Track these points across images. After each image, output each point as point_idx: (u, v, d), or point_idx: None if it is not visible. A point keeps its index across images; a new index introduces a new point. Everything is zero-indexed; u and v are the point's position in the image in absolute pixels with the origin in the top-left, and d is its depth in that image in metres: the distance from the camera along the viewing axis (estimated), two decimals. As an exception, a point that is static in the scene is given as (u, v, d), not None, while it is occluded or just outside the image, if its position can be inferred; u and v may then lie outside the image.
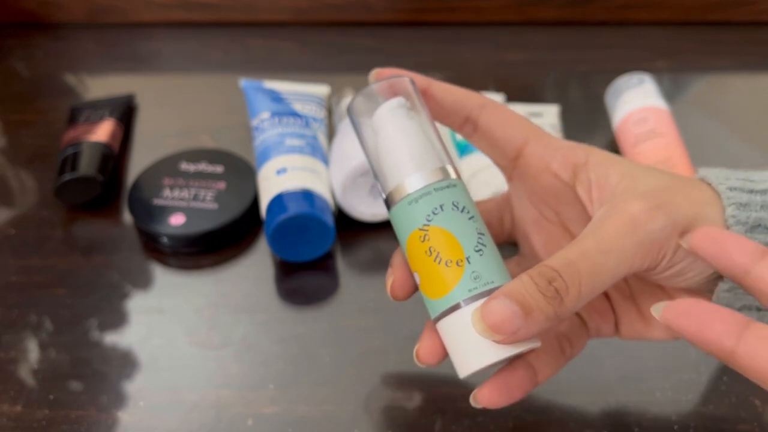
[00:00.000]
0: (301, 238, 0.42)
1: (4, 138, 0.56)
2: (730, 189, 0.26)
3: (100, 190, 0.48)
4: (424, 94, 0.29)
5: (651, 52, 0.62)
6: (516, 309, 0.23)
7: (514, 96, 0.55)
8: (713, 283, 0.26)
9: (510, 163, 0.30)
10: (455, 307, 0.26)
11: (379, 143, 0.28)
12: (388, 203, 0.28)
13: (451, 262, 0.26)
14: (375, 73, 0.30)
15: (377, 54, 0.61)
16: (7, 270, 0.44)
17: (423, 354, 0.28)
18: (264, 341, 0.40)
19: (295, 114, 0.49)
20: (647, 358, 0.38)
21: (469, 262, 0.25)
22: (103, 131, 0.51)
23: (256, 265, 0.44)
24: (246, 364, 0.39)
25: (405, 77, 0.29)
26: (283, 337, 0.40)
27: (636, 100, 0.51)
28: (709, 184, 0.26)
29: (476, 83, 0.57)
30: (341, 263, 0.44)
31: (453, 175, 0.27)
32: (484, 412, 0.36)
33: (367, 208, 0.45)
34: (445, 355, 0.27)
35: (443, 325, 0.26)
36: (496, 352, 0.25)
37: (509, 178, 0.31)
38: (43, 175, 0.51)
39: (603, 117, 0.54)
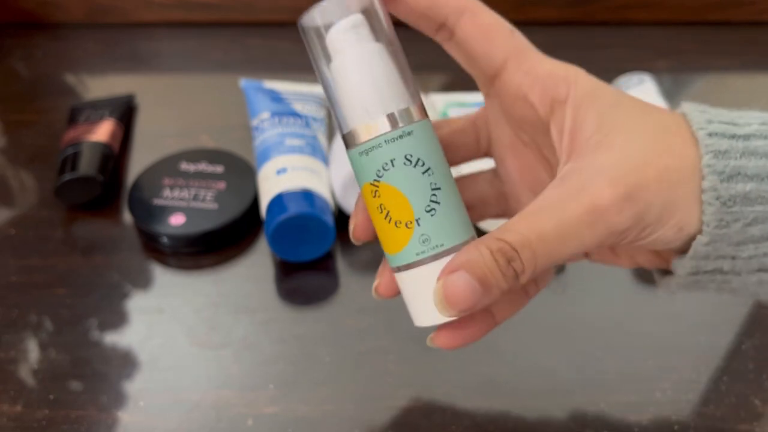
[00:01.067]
0: (301, 238, 0.42)
1: (4, 138, 0.56)
2: (710, 135, 0.24)
3: (100, 190, 0.48)
4: None
5: (651, 52, 0.62)
6: (476, 285, 0.23)
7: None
8: (685, 244, 0.25)
9: (487, 81, 0.27)
10: (405, 267, 0.25)
11: (333, 74, 0.25)
12: (346, 144, 0.26)
13: (401, 223, 0.25)
14: None
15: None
16: (7, 270, 0.44)
17: (382, 289, 0.28)
18: (264, 341, 0.40)
19: (295, 114, 0.49)
20: (647, 358, 0.38)
21: (418, 224, 0.24)
22: (103, 131, 0.51)
23: (256, 265, 0.44)
24: (246, 364, 0.39)
25: None
26: (283, 337, 0.40)
27: (636, 100, 0.51)
28: (690, 125, 0.25)
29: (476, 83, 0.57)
30: (341, 263, 0.44)
31: (414, 117, 0.25)
32: (484, 412, 0.36)
33: (367, 208, 0.45)
34: (398, 292, 0.27)
35: (398, 278, 0.26)
36: (438, 315, 0.25)
37: (486, 95, 0.29)
38: (43, 175, 0.51)
39: (603, 117, 0.54)
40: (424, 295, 0.25)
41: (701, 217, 0.24)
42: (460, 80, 0.29)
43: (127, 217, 0.48)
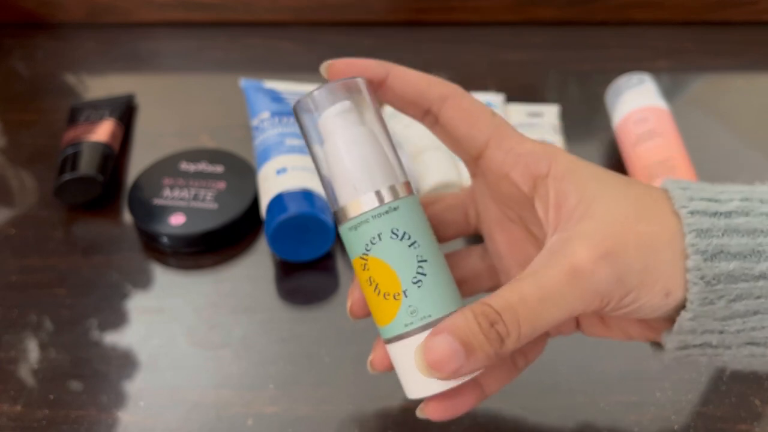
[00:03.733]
0: (301, 238, 0.42)
1: (4, 138, 0.56)
2: (692, 213, 0.24)
3: (100, 190, 0.48)
4: (382, 86, 0.27)
5: (651, 52, 0.62)
6: (458, 347, 0.23)
7: (514, 96, 0.55)
8: (674, 313, 0.25)
9: (472, 161, 0.28)
10: (395, 338, 0.26)
11: (326, 155, 0.27)
12: (337, 220, 0.27)
13: (389, 295, 0.26)
14: (327, 65, 0.28)
15: (377, 54, 0.61)
16: (7, 270, 0.44)
17: (377, 363, 0.29)
18: (264, 341, 0.40)
19: (295, 114, 0.49)
20: (647, 358, 0.38)
21: (405, 296, 0.25)
22: (103, 131, 0.51)
23: (256, 265, 0.44)
24: (246, 364, 0.39)
25: (357, 79, 0.27)
26: (283, 337, 0.40)
27: (636, 100, 0.51)
28: (672, 203, 0.25)
29: (476, 83, 0.57)
30: (341, 263, 0.44)
31: (399, 193, 0.26)
32: (484, 412, 0.36)
33: (367, 208, 0.45)
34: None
35: (389, 349, 0.27)
36: (438, 384, 0.25)
37: (472, 175, 0.30)
38: (43, 175, 0.51)
39: (603, 117, 0.54)
40: (413, 366, 0.25)
41: (686, 285, 0.24)
42: (460, 81, 0.29)
43: (127, 217, 0.48)
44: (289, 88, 0.52)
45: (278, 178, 0.44)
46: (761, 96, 0.59)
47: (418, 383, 0.26)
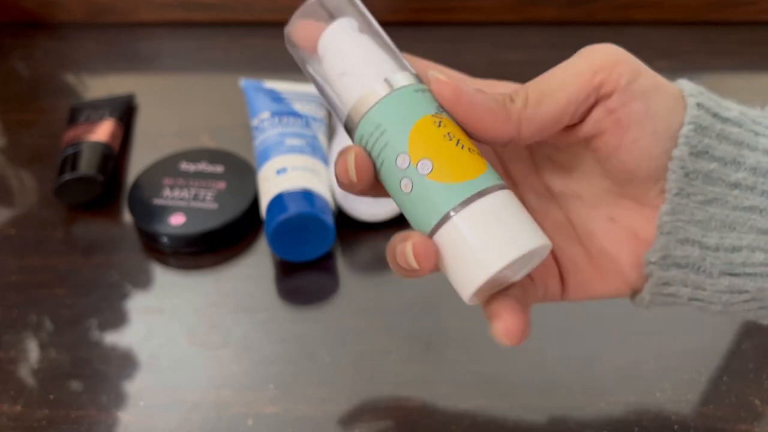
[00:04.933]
0: (301, 238, 0.42)
1: (4, 138, 0.55)
2: (699, 105, 0.26)
3: (100, 190, 0.48)
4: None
5: (651, 52, 0.62)
6: (469, 85, 0.25)
7: (514, 96, 0.55)
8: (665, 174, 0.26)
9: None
10: (484, 193, 0.23)
11: (340, 58, 0.26)
12: (391, 86, 0.25)
13: (473, 150, 0.24)
14: None
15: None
16: (7, 270, 0.44)
17: (421, 252, 0.24)
18: (264, 341, 0.40)
19: (295, 114, 0.49)
20: (647, 358, 0.38)
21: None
22: (103, 131, 0.51)
23: (256, 265, 0.44)
24: (246, 364, 0.39)
25: None
26: (283, 337, 0.40)
27: (636, 99, 0.51)
28: (681, 91, 0.26)
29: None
30: (341, 263, 0.44)
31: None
32: (484, 412, 0.36)
33: (367, 208, 0.45)
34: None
35: (469, 211, 0.23)
36: (537, 239, 0.23)
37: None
38: (43, 175, 0.51)
39: (603, 117, 0.54)
40: (507, 222, 0.23)
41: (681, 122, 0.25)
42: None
43: (127, 217, 0.48)
44: (289, 88, 0.52)
45: (278, 178, 0.44)
46: (761, 96, 0.59)
47: (512, 239, 0.23)
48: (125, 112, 0.55)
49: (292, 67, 0.65)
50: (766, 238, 0.25)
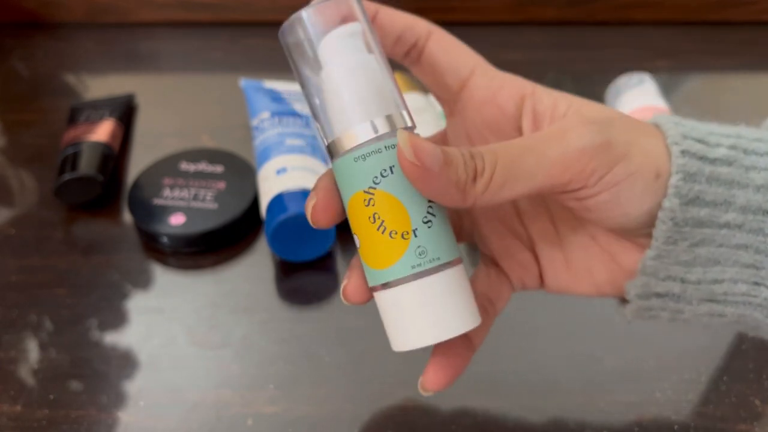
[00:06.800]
0: (301, 238, 0.42)
1: (4, 138, 0.56)
2: (683, 153, 0.24)
3: (100, 190, 0.48)
4: (372, 21, 0.27)
5: (651, 52, 0.62)
6: (439, 153, 0.22)
7: (514, 96, 0.55)
8: (652, 221, 0.25)
9: (453, 96, 0.29)
10: (396, 283, 0.24)
11: (325, 79, 0.24)
12: (331, 152, 0.25)
13: (396, 233, 0.23)
14: None
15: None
16: (7, 270, 0.44)
17: (351, 292, 0.26)
18: (264, 341, 0.40)
19: (295, 114, 0.49)
20: (647, 358, 0.38)
21: (415, 236, 0.23)
22: (103, 131, 0.51)
23: (256, 265, 0.44)
24: (246, 364, 0.39)
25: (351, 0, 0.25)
26: (283, 337, 0.40)
27: (636, 100, 0.51)
28: (665, 137, 0.25)
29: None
30: (341, 263, 0.44)
31: (408, 123, 0.24)
32: (484, 412, 0.36)
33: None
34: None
35: (382, 296, 0.25)
36: (436, 333, 0.24)
37: (450, 113, 0.30)
38: (43, 175, 0.51)
39: (603, 117, 0.54)
40: (415, 314, 0.24)
41: (670, 168, 0.24)
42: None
43: (127, 217, 0.48)
44: (289, 88, 0.53)
45: (278, 178, 0.44)
46: (761, 96, 0.59)
47: (415, 333, 0.24)
48: (125, 112, 0.55)
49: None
50: (750, 271, 0.25)
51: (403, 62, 0.29)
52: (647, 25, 0.65)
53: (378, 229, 0.24)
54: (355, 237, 0.25)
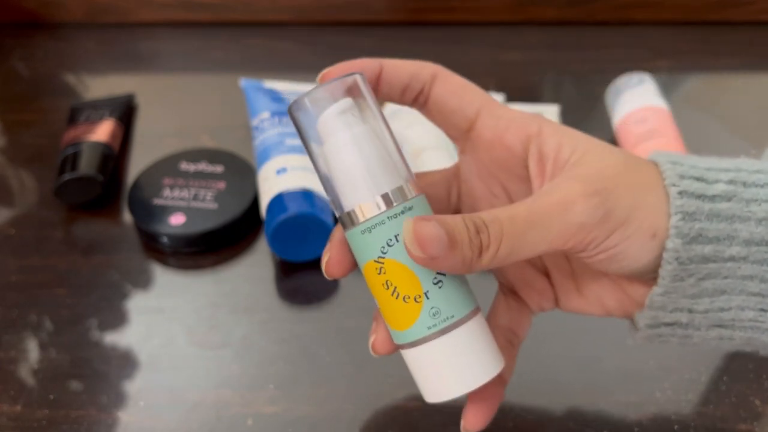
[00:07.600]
0: (301, 237, 0.42)
1: (4, 138, 0.56)
2: (681, 194, 0.25)
3: (100, 190, 0.48)
4: (377, 79, 0.28)
5: (651, 52, 0.62)
6: (443, 236, 0.23)
7: (514, 96, 0.55)
8: (656, 265, 0.26)
9: (462, 135, 0.29)
10: (416, 343, 0.25)
11: (327, 156, 0.26)
12: (344, 224, 0.26)
13: (409, 297, 0.25)
14: (322, 75, 0.27)
15: (377, 54, 0.61)
16: (7, 270, 0.44)
17: (379, 347, 0.28)
18: (264, 341, 0.40)
19: (295, 114, 0.49)
20: (647, 358, 0.38)
21: (427, 298, 0.25)
22: (103, 131, 0.51)
23: (256, 265, 0.44)
24: (246, 364, 0.39)
25: (355, 74, 0.26)
26: (283, 337, 0.40)
27: (636, 99, 0.51)
28: (662, 178, 0.26)
29: (476, 83, 0.57)
30: (341, 263, 0.44)
31: (410, 194, 0.26)
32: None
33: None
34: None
35: (405, 354, 0.27)
36: (463, 385, 0.25)
37: (461, 151, 0.31)
38: (43, 175, 0.51)
39: (603, 117, 0.54)
40: (440, 369, 0.25)
41: (668, 226, 0.25)
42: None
43: (127, 217, 0.48)
44: (289, 88, 0.53)
45: (278, 178, 0.44)
46: (761, 96, 0.59)
47: (446, 385, 0.26)
48: (125, 112, 0.55)
49: (292, 67, 0.66)
50: (756, 299, 0.26)
51: (412, 107, 0.30)
52: (647, 25, 0.65)
53: (392, 295, 0.25)
54: (375, 300, 0.27)
